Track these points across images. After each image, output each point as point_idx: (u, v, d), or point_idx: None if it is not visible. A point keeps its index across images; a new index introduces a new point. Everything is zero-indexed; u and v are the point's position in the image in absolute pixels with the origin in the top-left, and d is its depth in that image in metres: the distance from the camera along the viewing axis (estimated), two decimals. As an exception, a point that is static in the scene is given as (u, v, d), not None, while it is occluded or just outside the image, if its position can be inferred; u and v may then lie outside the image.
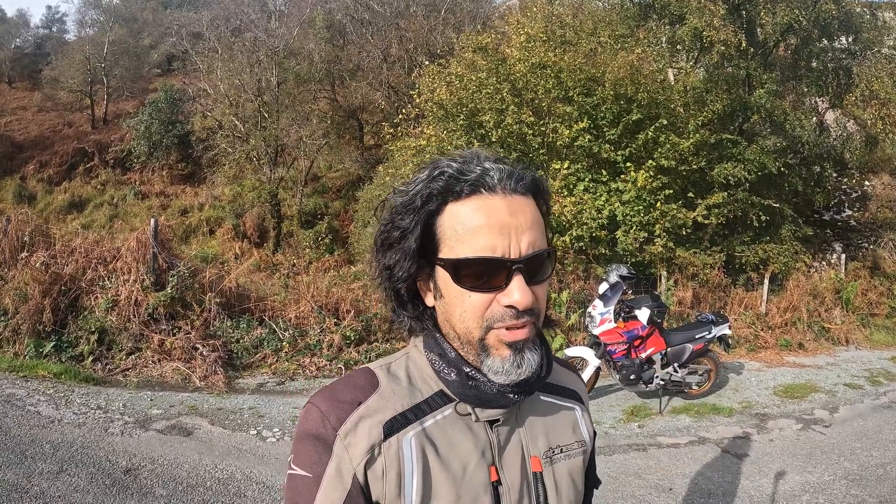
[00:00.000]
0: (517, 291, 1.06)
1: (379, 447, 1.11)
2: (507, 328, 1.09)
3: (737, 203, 13.02)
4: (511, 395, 1.15)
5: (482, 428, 1.19)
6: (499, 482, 1.16)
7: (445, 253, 1.11)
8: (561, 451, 1.27)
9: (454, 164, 1.12)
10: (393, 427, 1.13)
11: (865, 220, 18.12)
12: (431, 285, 1.17)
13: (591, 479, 1.40)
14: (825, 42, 14.58)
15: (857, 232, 17.82)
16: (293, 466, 1.14)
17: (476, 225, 1.07)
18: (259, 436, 6.10)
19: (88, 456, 5.18)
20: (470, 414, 1.18)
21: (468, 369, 1.15)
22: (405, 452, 1.12)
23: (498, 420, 1.19)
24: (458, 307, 1.11)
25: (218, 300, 8.90)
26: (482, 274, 1.08)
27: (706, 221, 12.56)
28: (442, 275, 1.13)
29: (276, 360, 8.56)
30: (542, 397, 1.29)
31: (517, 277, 1.07)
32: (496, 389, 1.13)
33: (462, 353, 1.16)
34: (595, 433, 1.41)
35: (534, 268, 1.09)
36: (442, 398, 1.18)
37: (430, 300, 1.19)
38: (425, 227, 1.12)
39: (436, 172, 1.12)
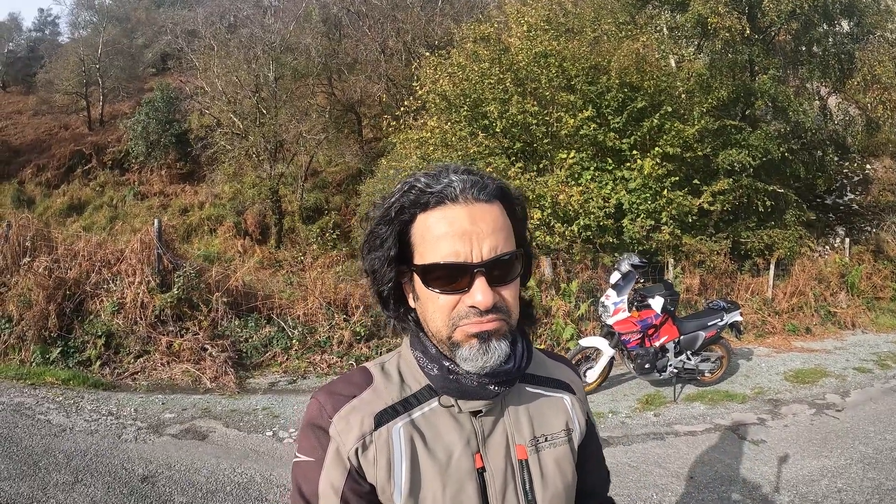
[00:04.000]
0: (479, 293, 1.16)
1: (370, 435, 1.24)
2: (472, 324, 1.19)
3: (741, 189, 12.99)
4: (491, 388, 1.24)
5: (467, 418, 1.29)
6: (483, 469, 1.27)
7: (417, 259, 1.22)
8: (546, 440, 1.35)
9: (423, 179, 1.23)
10: (383, 418, 1.26)
11: (867, 203, 18.05)
12: (411, 289, 1.28)
13: (591, 465, 1.49)
14: (826, 27, 14.50)
15: (860, 216, 17.76)
16: (297, 455, 1.29)
17: (441, 233, 1.18)
18: (275, 437, 6.05)
19: (103, 464, 5.11)
20: (453, 406, 1.28)
21: (448, 363, 1.24)
22: (394, 441, 1.24)
23: (481, 410, 1.29)
24: (431, 307, 1.22)
25: (225, 299, 8.84)
26: (447, 277, 1.18)
27: (712, 208, 12.51)
28: (416, 279, 1.24)
29: (287, 359, 8.53)
30: (528, 388, 1.38)
31: (478, 280, 1.16)
32: (476, 382, 1.23)
33: (441, 350, 1.26)
34: (590, 421, 1.49)
35: (498, 270, 1.19)
36: (429, 392, 1.30)
37: (411, 302, 1.31)
38: (401, 236, 1.24)
39: (407, 187, 1.23)
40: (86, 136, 32.24)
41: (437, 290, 1.19)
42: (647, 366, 7.54)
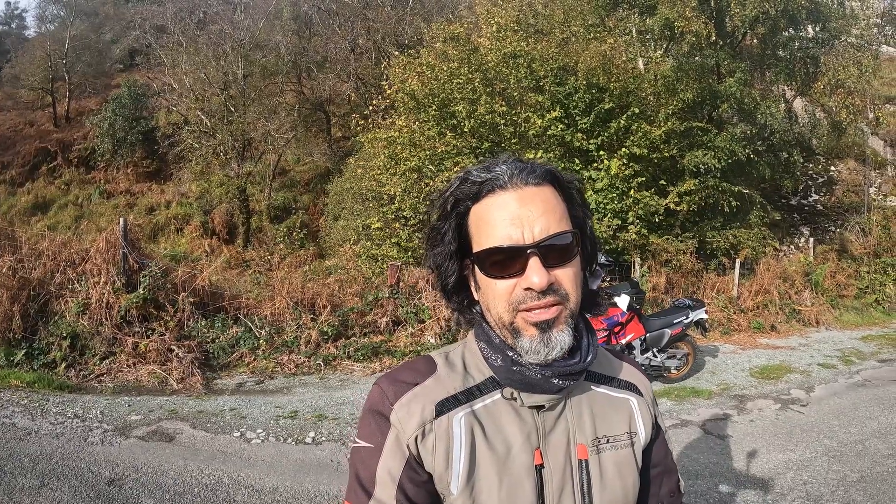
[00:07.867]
0: (534, 274, 1.14)
1: (430, 424, 1.21)
2: (530, 309, 1.17)
3: (708, 190, 13.14)
4: (555, 381, 1.21)
5: (529, 413, 1.26)
6: (542, 466, 1.23)
7: (474, 248, 1.22)
8: (608, 441, 1.31)
9: (474, 171, 1.23)
10: (444, 407, 1.23)
11: (832, 204, 18.44)
12: (473, 279, 1.28)
13: (658, 473, 1.43)
14: (792, 31, 14.72)
15: (824, 216, 18.11)
16: (357, 440, 1.27)
17: (493, 219, 1.18)
18: (243, 437, 5.99)
19: (70, 468, 5.02)
20: (515, 398, 1.25)
21: (512, 354, 1.22)
22: (454, 430, 1.21)
23: (544, 405, 1.25)
24: (490, 295, 1.21)
25: (191, 299, 8.72)
26: (502, 262, 1.17)
27: (678, 208, 12.65)
28: (476, 268, 1.24)
29: (254, 359, 8.43)
30: (593, 387, 1.35)
31: (532, 261, 1.15)
32: (539, 375, 1.20)
33: (504, 339, 1.24)
34: (658, 426, 1.44)
35: (551, 251, 1.17)
36: (492, 384, 1.27)
37: (474, 293, 1.29)
38: (459, 229, 1.25)
39: (459, 181, 1.25)
40: (51, 132, 31.61)
41: (495, 276, 1.19)
42: (613, 363, 7.60)
